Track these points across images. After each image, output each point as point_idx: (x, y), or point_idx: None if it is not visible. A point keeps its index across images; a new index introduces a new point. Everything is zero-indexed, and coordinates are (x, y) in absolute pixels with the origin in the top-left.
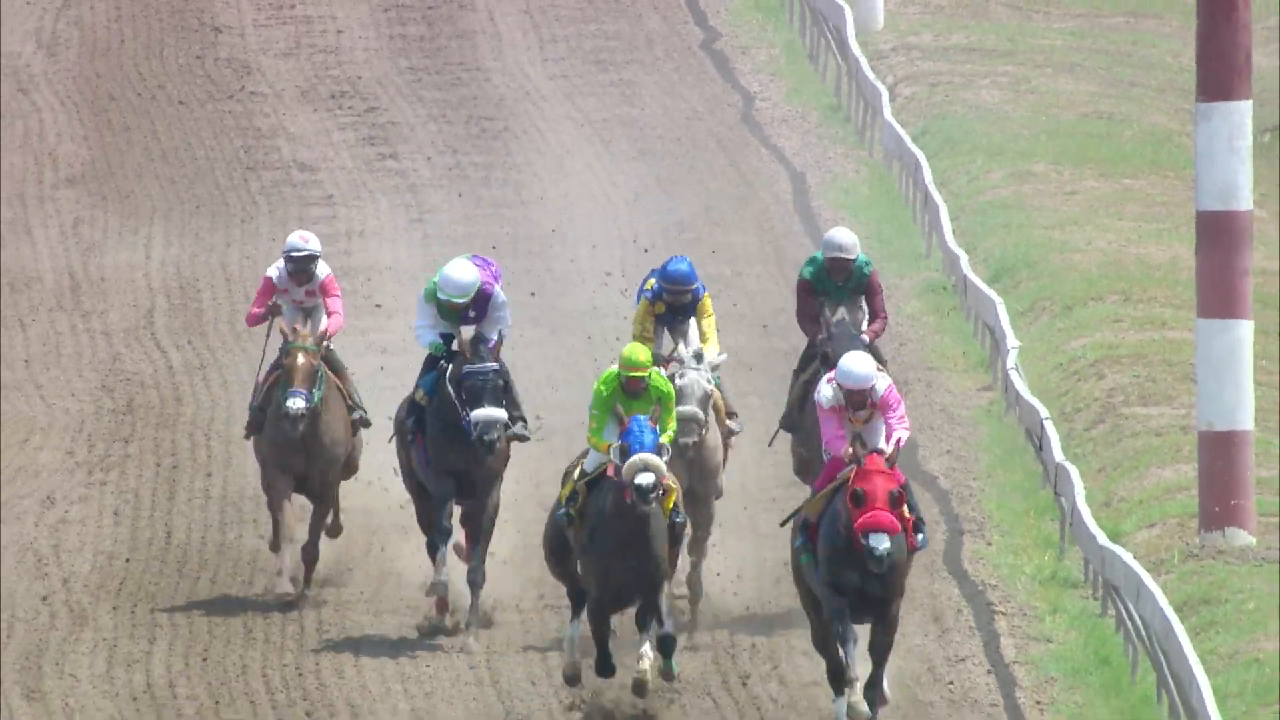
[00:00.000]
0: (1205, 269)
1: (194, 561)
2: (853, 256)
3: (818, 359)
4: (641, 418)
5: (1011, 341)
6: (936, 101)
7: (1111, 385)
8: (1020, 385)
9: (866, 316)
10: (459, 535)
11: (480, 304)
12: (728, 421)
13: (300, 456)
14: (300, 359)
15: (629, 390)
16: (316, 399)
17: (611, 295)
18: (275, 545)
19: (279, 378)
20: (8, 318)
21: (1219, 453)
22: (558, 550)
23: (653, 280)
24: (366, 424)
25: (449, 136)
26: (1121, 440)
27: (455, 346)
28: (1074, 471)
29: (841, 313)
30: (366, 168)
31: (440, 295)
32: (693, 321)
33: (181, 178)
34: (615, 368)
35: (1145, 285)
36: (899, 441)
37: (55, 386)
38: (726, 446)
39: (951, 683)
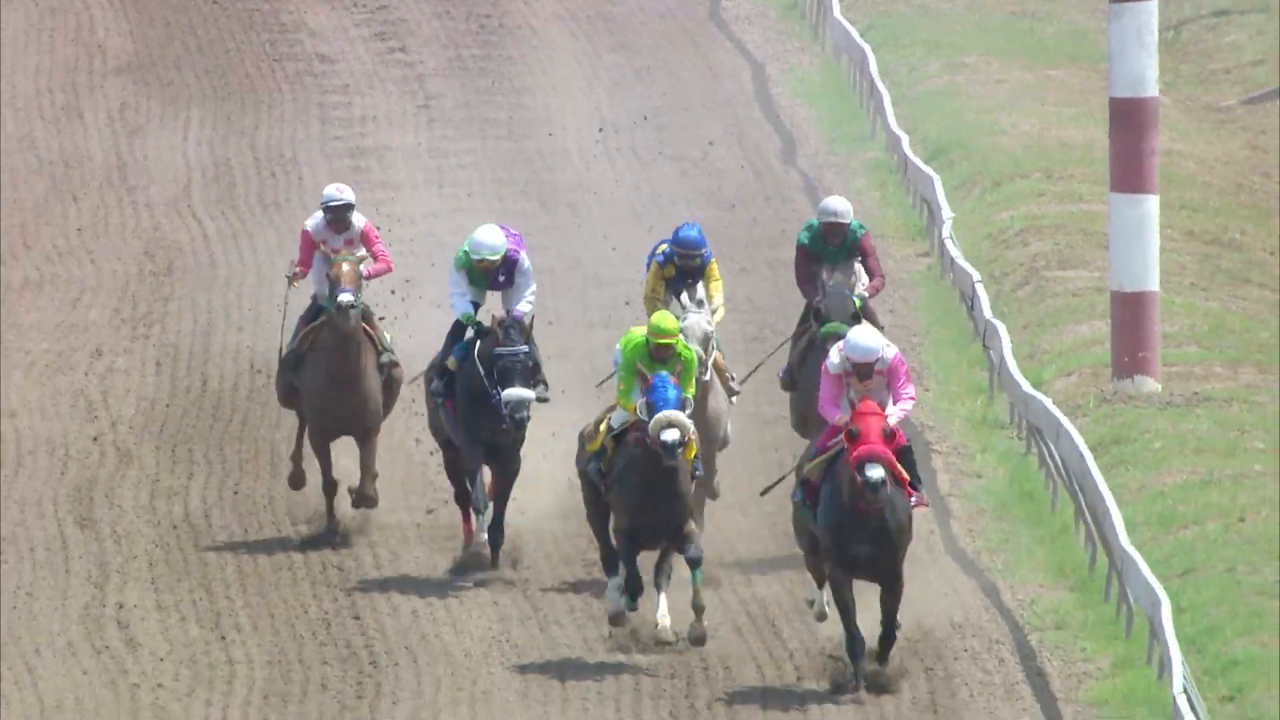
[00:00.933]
0: (1117, 149)
1: (226, 406)
2: (846, 220)
3: (813, 319)
4: (664, 374)
5: (946, 213)
6: (881, 1)
7: (1035, 252)
8: (954, 252)
9: (861, 278)
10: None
11: (508, 268)
12: (730, 382)
13: (337, 399)
14: (345, 265)
15: (656, 356)
16: (360, 300)
17: (594, 173)
18: (326, 488)
19: (323, 292)
20: (62, 192)
21: (1129, 311)
22: (593, 503)
23: (664, 245)
24: (395, 364)
25: (451, 32)
26: (1043, 300)
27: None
28: (1001, 327)
29: (837, 276)
30: (378, 60)
31: (473, 256)
32: (700, 285)
33: (215, 68)
34: (638, 332)
35: (1065, 164)
36: (905, 411)
37: (104, 252)
38: (730, 400)
39: None
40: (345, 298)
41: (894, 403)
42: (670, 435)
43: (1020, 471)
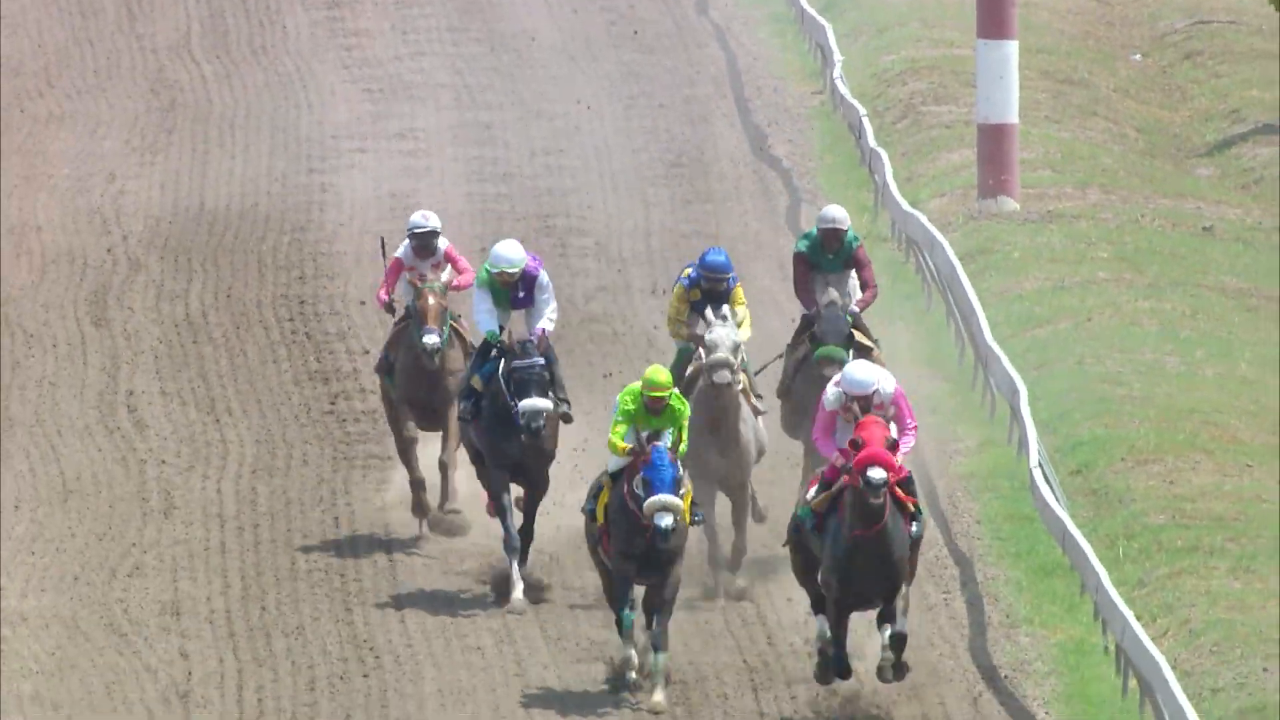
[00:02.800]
0: (983, 1)
1: (221, 223)
2: (845, 228)
3: (807, 336)
4: (662, 450)
5: (837, 57)
6: None
7: (913, 90)
8: (843, 90)
9: (855, 289)
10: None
11: (527, 284)
12: (754, 401)
13: (425, 389)
14: (431, 300)
15: (650, 408)
16: (445, 336)
17: (535, 20)
18: (414, 484)
19: (410, 323)
20: (80, 39)
21: (992, 140)
22: (593, 540)
23: (689, 269)
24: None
25: None
26: (920, 131)
27: (506, 339)
28: (884, 155)
29: (832, 293)
30: None
31: (492, 270)
32: (725, 308)
33: None
34: (638, 385)
35: (939, 15)
36: (909, 446)
37: (116, 91)
38: (756, 418)
39: (793, 319)
40: (431, 340)
41: (899, 435)
42: (664, 520)
43: (900, 278)
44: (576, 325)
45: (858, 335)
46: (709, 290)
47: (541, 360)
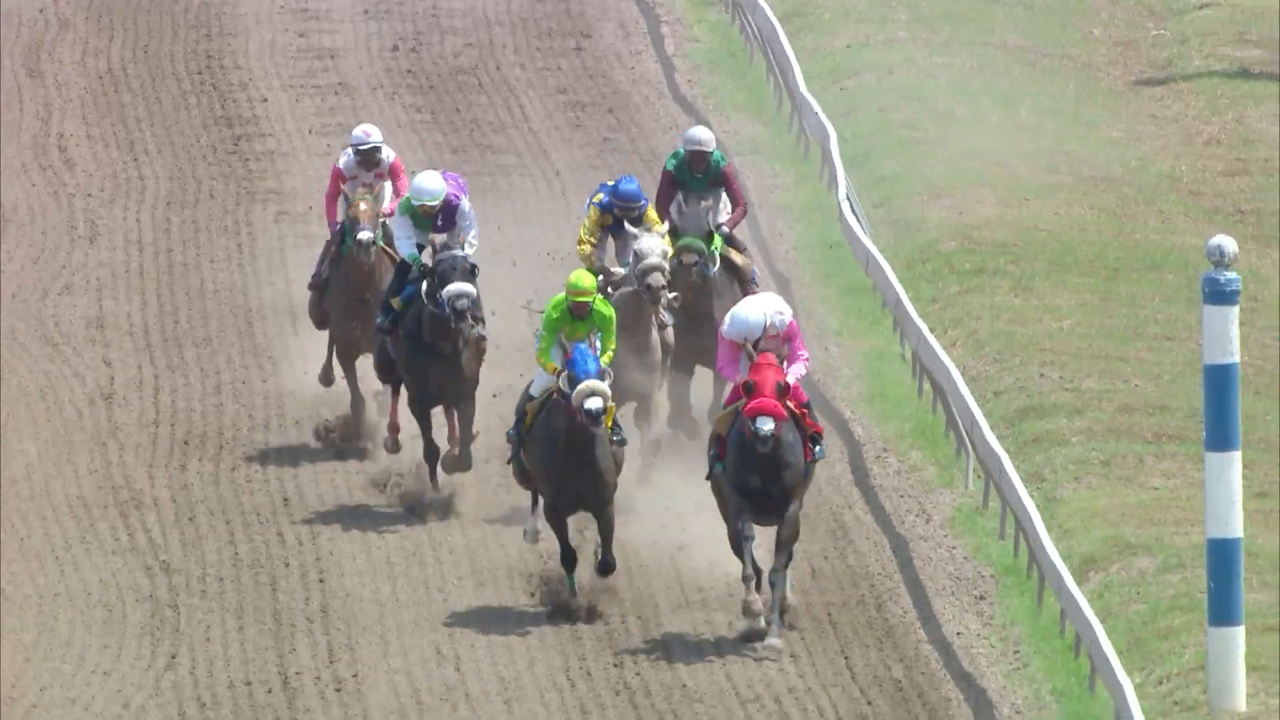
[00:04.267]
0: None
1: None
2: (710, 149)
3: (669, 234)
4: (583, 345)
5: None
6: None
7: None
8: None
9: (726, 208)
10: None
11: (448, 213)
12: (662, 314)
13: (362, 310)
14: (363, 205)
15: (575, 313)
16: (380, 236)
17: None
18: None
19: (342, 226)
20: None
21: None
22: (518, 469)
23: (601, 194)
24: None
25: None
26: None
27: (427, 258)
28: None
29: (700, 205)
30: None
31: (414, 201)
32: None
33: None
34: (561, 294)
35: None
36: (800, 372)
37: None
38: (663, 336)
39: (633, 68)
40: (365, 235)
41: (789, 364)
42: (594, 403)
43: (726, 37)
44: (447, 77)
45: (731, 253)
46: (621, 217)
47: (463, 253)
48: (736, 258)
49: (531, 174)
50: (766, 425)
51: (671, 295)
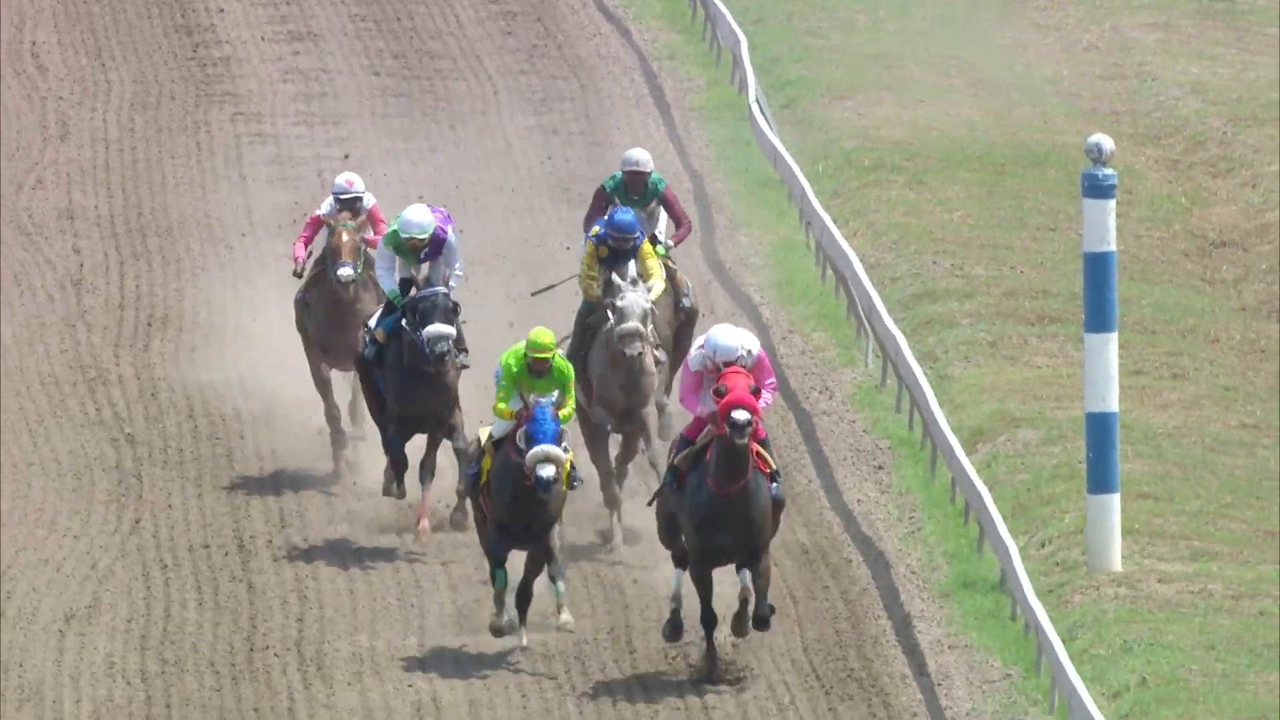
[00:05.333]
0: None
1: None
2: (648, 170)
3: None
4: (545, 405)
5: None
6: None
7: None
8: None
9: (662, 225)
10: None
11: (435, 245)
12: (656, 352)
13: (339, 329)
14: (345, 236)
15: (534, 370)
16: (360, 270)
17: None
18: (330, 417)
19: (325, 254)
20: None
21: None
22: (479, 515)
23: (598, 227)
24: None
25: None
26: None
27: (412, 290)
28: None
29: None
30: None
31: (401, 234)
32: (632, 263)
33: None
34: (521, 346)
35: None
36: (768, 401)
37: None
38: (659, 371)
39: None
40: (345, 272)
41: (759, 391)
42: (546, 471)
43: None
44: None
45: (669, 264)
46: (615, 249)
47: (444, 290)
48: (676, 277)
49: (466, 78)
50: (742, 415)
51: (657, 350)
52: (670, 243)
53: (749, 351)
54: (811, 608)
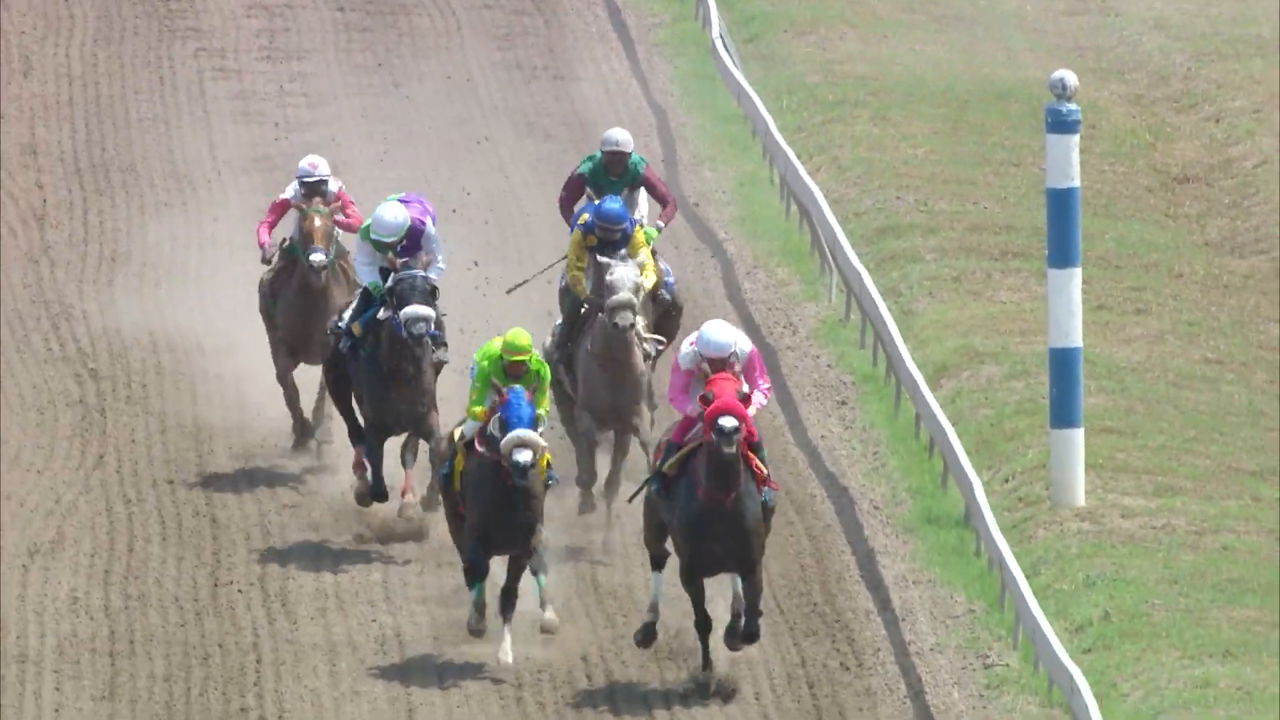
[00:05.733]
0: None
1: None
2: (628, 150)
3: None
4: (519, 390)
5: None
6: None
7: None
8: None
9: (643, 205)
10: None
11: (413, 237)
12: (646, 345)
13: (307, 321)
14: (317, 221)
15: (510, 373)
16: (332, 256)
17: None
18: (299, 429)
19: (296, 241)
20: None
21: None
22: (451, 513)
23: (586, 215)
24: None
25: None
26: None
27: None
28: None
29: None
30: None
31: (373, 236)
32: (623, 252)
33: None
34: (495, 344)
35: None
36: (761, 402)
37: None
38: (649, 366)
39: None
40: (317, 257)
41: (749, 398)
42: (523, 456)
43: None
44: None
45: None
46: (604, 239)
47: (423, 273)
48: (655, 265)
49: (430, 13)
50: (730, 421)
51: (647, 333)
52: (660, 223)
53: (742, 350)
54: (775, 544)
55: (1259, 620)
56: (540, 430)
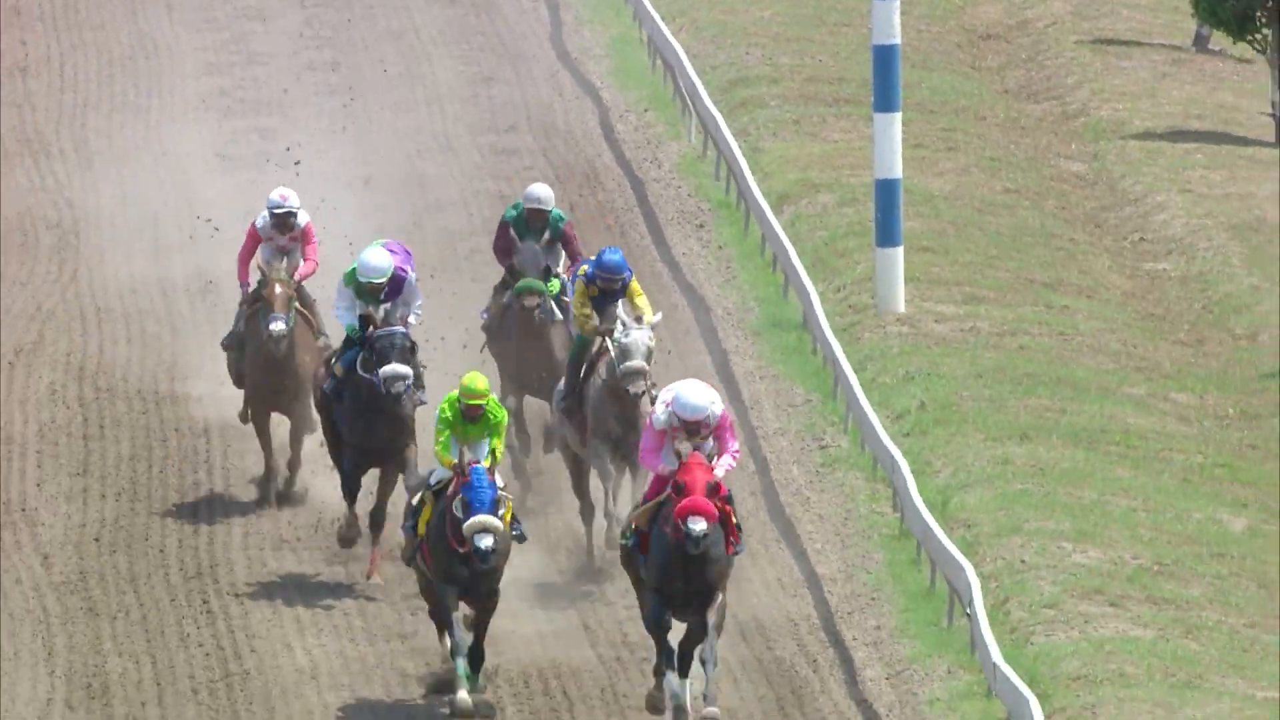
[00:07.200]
0: None
1: None
2: (548, 208)
3: (507, 275)
4: (481, 470)
5: None
6: None
7: None
8: None
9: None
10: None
11: (395, 284)
12: (651, 391)
13: (276, 376)
14: (278, 289)
15: (468, 415)
16: (292, 322)
17: None
18: (267, 467)
19: (259, 307)
20: None
21: None
22: (411, 559)
23: (586, 266)
24: (329, 349)
25: None
26: None
27: (371, 328)
28: None
29: (535, 249)
30: None
31: (360, 278)
32: (621, 301)
33: None
34: (456, 392)
35: None
36: (730, 465)
37: None
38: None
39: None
40: (277, 326)
41: (719, 456)
42: (484, 542)
43: None
44: None
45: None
46: (605, 289)
47: (402, 330)
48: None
49: None
50: (699, 525)
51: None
52: (563, 275)
53: (715, 414)
54: None
55: (1049, 408)
56: (501, 513)
